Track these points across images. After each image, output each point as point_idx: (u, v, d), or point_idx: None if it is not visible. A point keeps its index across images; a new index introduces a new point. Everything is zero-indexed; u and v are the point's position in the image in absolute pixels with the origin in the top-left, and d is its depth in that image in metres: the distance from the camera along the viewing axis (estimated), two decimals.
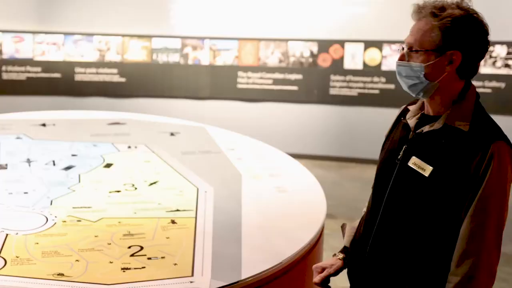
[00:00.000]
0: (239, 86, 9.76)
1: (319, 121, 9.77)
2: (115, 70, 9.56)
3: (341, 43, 9.62)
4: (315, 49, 9.69)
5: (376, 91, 9.69)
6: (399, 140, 1.92)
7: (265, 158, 3.40)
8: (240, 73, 9.73)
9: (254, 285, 2.17)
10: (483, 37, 1.76)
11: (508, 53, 9.10)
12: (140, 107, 8.82)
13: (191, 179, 2.96)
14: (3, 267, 2.08)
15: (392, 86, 9.64)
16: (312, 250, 2.55)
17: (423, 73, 1.77)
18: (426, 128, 1.83)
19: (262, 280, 2.20)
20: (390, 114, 7.72)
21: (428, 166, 1.77)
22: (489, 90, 9.38)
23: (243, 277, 2.15)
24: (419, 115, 1.91)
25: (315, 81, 9.74)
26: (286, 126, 9.56)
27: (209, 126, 3.89)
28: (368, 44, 9.63)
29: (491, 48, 9.31)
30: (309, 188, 3.03)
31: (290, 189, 2.97)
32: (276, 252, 2.35)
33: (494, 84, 9.41)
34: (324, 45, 9.65)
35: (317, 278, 2.10)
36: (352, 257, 2.06)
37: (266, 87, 9.75)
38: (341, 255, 2.12)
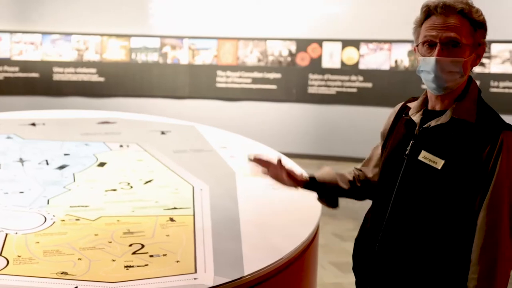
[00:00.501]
0: (218, 85, 9.77)
1: (298, 119, 9.83)
2: (93, 70, 9.50)
3: (319, 42, 9.70)
4: (293, 48, 9.75)
5: (354, 90, 9.79)
6: (404, 136, 1.96)
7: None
8: (219, 72, 9.74)
9: (256, 281, 2.20)
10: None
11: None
12: (119, 106, 8.78)
13: (185, 177, 2.97)
14: (6, 266, 2.07)
15: (369, 85, 9.75)
16: (310, 245, 2.59)
17: (461, 67, 1.81)
18: (433, 123, 1.87)
19: (263, 276, 2.22)
20: (367, 112, 7.89)
21: (439, 159, 1.82)
22: None
23: (245, 274, 2.16)
24: (422, 111, 1.95)
25: (293, 80, 9.80)
26: (265, 125, 9.60)
27: (199, 124, 3.91)
28: (346, 43, 9.72)
29: None
30: None
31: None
32: (275, 248, 2.37)
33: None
34: (303, 44, 9.72)
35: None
36: (359, 252, 2.10)
37: (245, 86, 9.78)
38: (306, 175, 2.22)
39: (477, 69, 8.35)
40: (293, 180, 2.22)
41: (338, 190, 2.23)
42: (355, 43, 9.72)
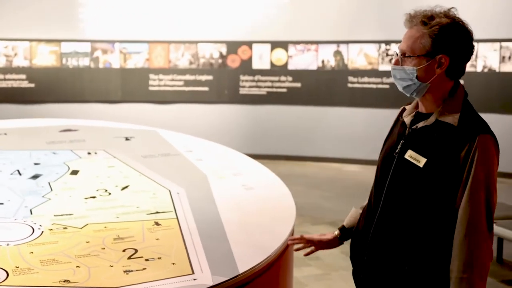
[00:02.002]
0: (151, 88, 9.75)
1: (230, 120, 9.97)
2: (23, 76, 9.25)
3: (249, 44, 9.87)
4: (224, 50, 9.86)
5: (284, 90, 10.02)
6: (397, 137, 2.13)
7: (223, 158, 3.52)
8: (151, 76, 9.72)
9: (250, 278, 2.30)
10: (468, 42, 1.99)
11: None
12: (50, 112, 8.61)
13: (159, 181, 3.02)
14: (7, 278, 2.07)
15: (298, 85, 10.01)
16: None
17: (416, 75, 1.99)
18: (420, 124, 2.05)
19: (257, 273, 2.33)
20: (297, 111, 8.15)
21: (422, 158, 1.99)
22: (387, 86, 9.96)
23: (240, 271, 2.26)
24: (414, 113, 2.12)
25: (225, 81, 9.93)
26: (198, 126, 9.66)
27: (161, 129, 3.95)
28: (275, 44, 9.94)
29: (387, 47, 9.90)
30: (272, 184, 3.20)
31: (255, 186, 3.12)
32: (262, 245, 2.48)
33: (391, 80, 9.94)
34: (233, 47, 9.86)
35: (307, 251, 2.40)
36: (354, 245, 2.25)
37: (177, 89, 9.81)
38: (336, 232, 2.39)
39: None
40: (327, 242, 2.43)
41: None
42: (284, 45, 9.96)
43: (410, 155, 2.04)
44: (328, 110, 10.01)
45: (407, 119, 2.12)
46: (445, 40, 1.96)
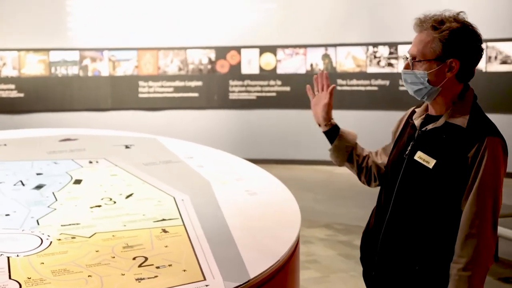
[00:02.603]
0: (141, 95, 9.74)
1: (220, 125, 9.98)
2: (12, 86, 9.20)
3: (238, 49, 9.89)
4: (213, 56, 9.88)
5: (273, 94, 10.06)
6: (407, 138, 2.17)
7: (224, 164, 3.53)
8: (141, 83, 9.71)
9: (261, 283, 2.31)
10: (477, 45, 2.03)
11: (390, 53, 9.80)
12: (40, 122, 8.57)
13: (163, 188, 3.03)
14: None
15: (287, 89, 10.05)
16: (297, 245, 2.74)
17: (427, 79, 2.02)
18: (430, 126, 2.08)
19: (267, 277, 2.35)
20: (287, 115, 8.20)
21: (432, 159, 2.03)
22: (375, 88, 10.03)
23: (251, 276, 2.27)
24: (424, 115, 2.15)
25: (214, 87, 9.94)
26: (189, 133, 9.66)
27: (160, 137, 3.96)
28: (263, 49, 9.98)
29: (375, 49, 9.97)
30: (275, 188, 3.21)
31: (259, 191, 3.13)
32: (270, 250, 2.49)
33: (379, 82, 10.07)
34: (222, 52, 9.88)
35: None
36: (365, 246, 2.27)
37: (167, 95, 9.81)
38: (335, 122, 2.42)
39: (386, 70, 8.80)
40: (326, 114, 2.40)
41: (350, 153, 2.40)
42: (272, 49, 10.00)
43: (419, 156, 2.07)
44: None
45: (417, 122, 2.15)
46: (455, 44, 2.00)
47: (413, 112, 2.26)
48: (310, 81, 9.22)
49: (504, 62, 9.26)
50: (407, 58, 2.09)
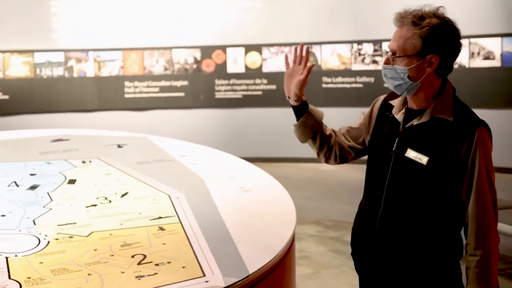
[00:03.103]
0: (127, 96, 9.72)
1: (207, 125, 9.98)
2: None
3: (223, 48, 9.90)
4: (198, 55, 9.88)
5: (259, 92, 10.08)
6: (388, 134, 2.17)
7: (217, 162, 3.54)
8: (126, 83, 9.69)
9: (260, 278, 2.33)
10: (456, 41, 2.06)
11: (375, 50, 9.86)
12: (26, 124, 8.52)
13: (158, 187, 3.03)
14: None
15: (273, 87, 10.07)
16: (293, 241, 2.76)
17: (407, 75, 2.04)
18: (415, 122, 2.10)
19: (265, 273, 2.36)
20: (273, 113, 8.23)
21: (424, 156, 2.05)
22: (360, 85, 10.09)
23: (250, 272, 2.28)
24: (404, 109, 2.17)
25: (200, 86, 9.94)
26: (175, 132, 9.64)
27: (151, 135, 3.96)
28: (249, 48, 9.99)
29: (359, 46, 10.03)
30: (269, 185, 3.23)
31: (253, 188, 3.14)
32: (267, 246, 2.51)
33: (364, 79, 10.13)
34: (207, 51, 9.88)
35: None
36: (357, 240, 2.30)
37: (153, 95, 9.79)
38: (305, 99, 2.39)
39: (370, 67, 8.87)
40: (298, 90, 2.35)
41: (315, 129, 2.40)
42: (257, 48, 10.02)
43: (411, 153, 2.09)
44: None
45: (399, 116, 2.16)
46: (435, 40, 2.02)
47: (385, 103, 2.27)
48: None
49: (486, 57, 9.36)
50: (387, 53, 2.10)
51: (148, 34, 9.69)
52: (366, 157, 2.37)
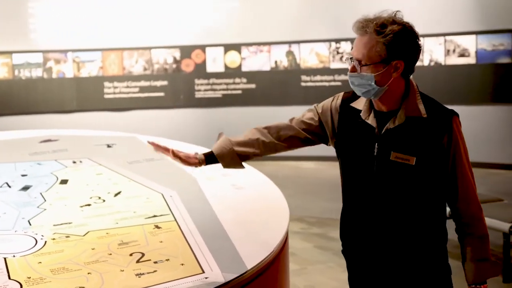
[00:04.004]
0: (106, 96, 9.66)
1: (187, 124, 9.97)
2: None
3: (202, 48, 9.90)
4: (177, 55, 9.86)
5: (239, 92, 10.11)
6: (364, 138, 2.19)
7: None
8: (106, 84, 9.63)
9: (258, 273, 2.36)
10: (417, 44, 2.10)
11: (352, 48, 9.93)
12: (5, 125, 8.43)
13: (150, 186, 3.05)
14: None
15: (253, 86, 10.10)
16: (287, 236, 2.79)
17: (374, 81, 2.07)
18: (391, 125, 2.13)
19: (262, 268, 2.39)
20: (253, 112, 8.26)
21: (410, 156, 2.10)
22: (339, 83, 10.17)
23: (249, 267, 2.31)
24: (372, 113, 2.19)
25: (180, 86, 9.93)
26: (156, 132, 9.59)
27: (140, 135, 3.96)
28: (228, 47, 10.01)
29: (337, 45, 10.11)
30: (261, 182, 3.27)
31: (245, 185, 3.17)
32: (263, 241, 2.54)
33: (343, 77, 10.21)
34: (186, 51, 9.87)
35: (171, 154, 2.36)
36: (347, 245, 2.35)
37: (133, 96, 9.75)
38: (201, 156, 2.39)
39: (344, 65, 8.94)
40: (191, 164, 2.38)
41: (238, 160, 2.42)
42: (237, 47, 10.04)
43: (396, 156, 2.13)
44: (283, 110, 10.13)
45: (370, 121, 2.18)
46: (398, 47, 2.06)
47: (347, 106, 2.26)
48: (274, 78, 9.49)
49: (462, 55, 9.50)
50: (351, 60, 2.12)
51: (127, 34, 9.65)
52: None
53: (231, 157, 2.40)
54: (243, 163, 2.46)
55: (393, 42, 2.04)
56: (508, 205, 5.26)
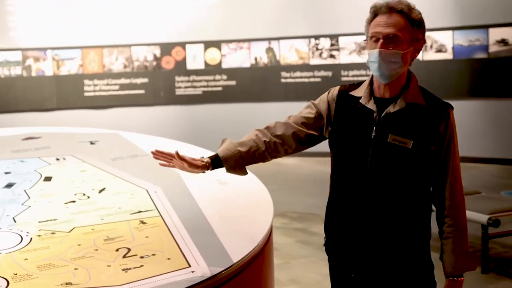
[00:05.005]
0: (86, 94, 9.62)
1: (168, 121, 9.96)
2: None
3: (182, 45, 9.89)
4: (158, 52, 9.85)
5: (219, 88, 10.12)
6: (362, 122, 2.25)
7: (191, 155, 3.57)
8: (86, 81, 9.59)
9: (243, 266, 2.39)
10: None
11: (332, 45, 10.01)
12: None
13: (135, 182, 3.06)
14: (8, 285, 2.07)
15: (233, 83, 10.12)
16: (271, 230, 2.82)
17: (401, 58, 2.13)
18: (391, 109, 2.19)
19: (248, 261, 2.42)
20: (233, 109, 8.28)
21: (408, 139, 2.15)
22: (318, 79, 10.22)
23: (234, 261, 2.33)
24: (371, 99, 2.25)
25: (160, 83, 9.92)
26: (136, 129, 9.56)
27: (122, 131, 3.96)
28: (208, 44, 10.01)
29: (317, 41, 10.16)
30: (245, 177, 3.28)
31: (229, 180, 3.19)
32: (248, 235, 2.57)
33: (322, 73, 10.26)
34: (166, 48, 9.86)
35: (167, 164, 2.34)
36: (331, 238, 2.39)
37: (113, 93, 9.72)
38: (208, 160, 2.36)
39: (328, 61, 9.01)
40: (196, 167, 2.35)
41: (242, 164, 2.39)
42: (217, 44, 10.05)
43: (394, 138, 2.18)
44: (263, 106, 10.17)
45: (370, 106, 2.24)
46: (421, 29, 2.17)
47: (344, 95, 2.32)
48: (254, 74, 9.50)
49: (439, 50, 9.62)
50: (371, 39, 2.19)
51: (107, 31, 9.61)
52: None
53: (235, 159, 2.36)
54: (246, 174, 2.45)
55: (419, 24, 2.16)
56: (486, 198, 5.35)
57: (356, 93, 2.31)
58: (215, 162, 2.37)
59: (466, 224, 2.24)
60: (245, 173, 2.43)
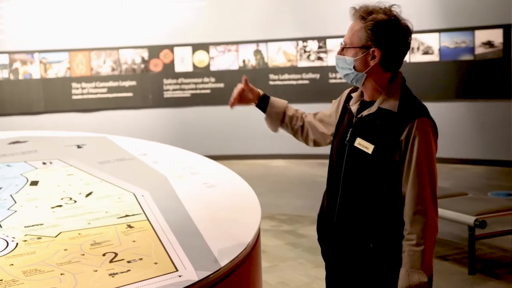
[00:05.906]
0: (74, 97, 9.58)
1: (156, 124, 9.95)
2: None
3: (171, 47, 9.89)
4: (146, 55, 9.83)
5: (207, 91, 10.12)
6: (347, 125, 2.29)
7: (178, 159, 3.58)
8: (73, 84, 9.55)
9: (231, 270, 2.38)
10: (401, 38, 2.15)
11: (319, 47, 10.03)
12: None
13: (122, 185, 3.05)
14: None
15: (221, 85, 10.12)
16: (259, 233, 2.83)
17: (353, 65, 2.15)
18: (365, 113, 2.21)
19: (236, 264, 2.42)
20: (221, 111, 8.33)
21: (370, 144, 2.17)
22: (306, 82, 10.24)
23: (222, 265, 2.33)
24: (359, 101, 2.28)
25: (148, 86, 9.90)
26: (125, 132, 9.55)
27: (110, 135, 3.95)
28: (196, 47, 10.01)
29: (305, 44, 10.18)
30: (232, 180, 3.29)
31: (216, 183, 3.20)
32: (236, 238, 2.56)
33: (310, 75, 10.28)
34: (154, 51, 9.85)
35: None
36: (321, 226, 2.40)
37: (101, 96, 9.69)
38: (261, 92, 2.64)
39: (316, 64, 9.01)
40: (254, 93, 2.61)
41: (280, 117, 2.57)
42: (205, 47, 10.04)
43: (359, 142, 2.21)
44: (252, 108, 10.15)
45: (353, 108, 2.27)
46: (378, 35, 2.12)
47: (349, 96, 2.38)
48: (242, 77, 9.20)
49: (426, 52, 9.67)
50: (341, 44, 2.22)
51: (94, 34, 9.58)
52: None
53: (277, 111, 2.56)
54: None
55: (373, 30, 2.11)
56: (472, 199, 5.37)
57: (354, 94, 2.35)
58: (262, 101, 2.60)
59: (428, 241, 2.10)
60: (276, 128, 2.61)
